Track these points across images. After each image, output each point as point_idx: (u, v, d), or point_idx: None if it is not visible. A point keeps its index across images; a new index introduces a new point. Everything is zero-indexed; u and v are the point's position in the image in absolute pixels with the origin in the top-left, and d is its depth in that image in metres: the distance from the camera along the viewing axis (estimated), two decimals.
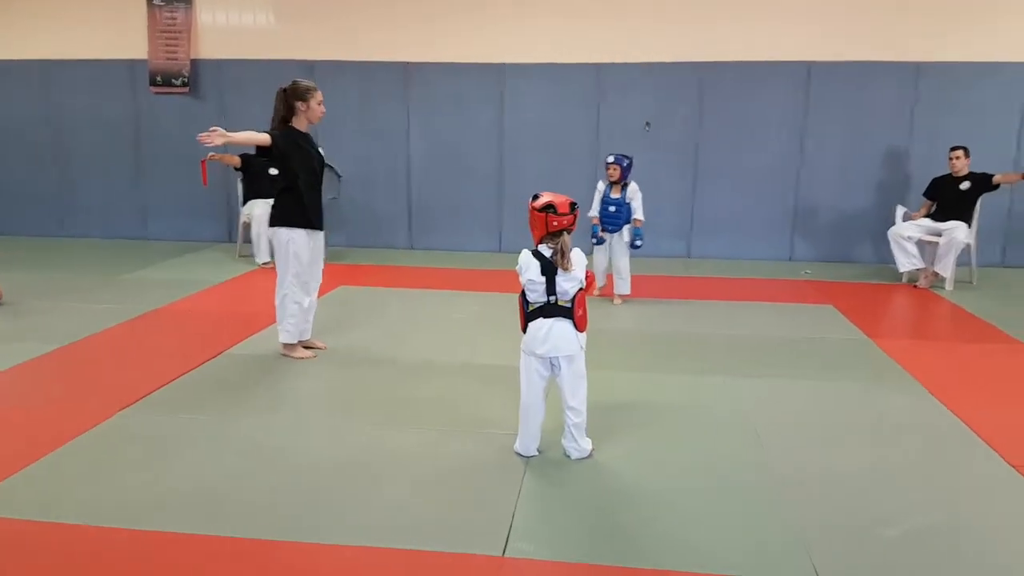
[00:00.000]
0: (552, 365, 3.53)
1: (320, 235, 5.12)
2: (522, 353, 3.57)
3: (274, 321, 5.75)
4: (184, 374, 4.67)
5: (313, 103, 4.87)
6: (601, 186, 6.57)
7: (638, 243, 6.48)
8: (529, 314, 3.48)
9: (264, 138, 4.72)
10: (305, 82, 4.90)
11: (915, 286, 7.45)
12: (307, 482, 3.37)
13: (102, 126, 9.44)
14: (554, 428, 3.69)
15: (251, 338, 5.45)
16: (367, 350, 5.25)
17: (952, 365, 5.11)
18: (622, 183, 6.47)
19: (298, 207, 4.89)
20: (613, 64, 8.62)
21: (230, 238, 9.35)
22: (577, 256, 3.45)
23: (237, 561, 2.78)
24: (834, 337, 5.72)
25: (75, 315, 5.92)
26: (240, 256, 8.37)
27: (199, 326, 5.80)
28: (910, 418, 4.20)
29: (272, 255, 7.83)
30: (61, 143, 9.56)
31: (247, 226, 8.24)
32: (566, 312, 3.44)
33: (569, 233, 3.43)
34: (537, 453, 3.63)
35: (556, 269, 3.38)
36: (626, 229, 6.53)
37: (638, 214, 6.48)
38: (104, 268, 7.76)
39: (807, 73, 8.39)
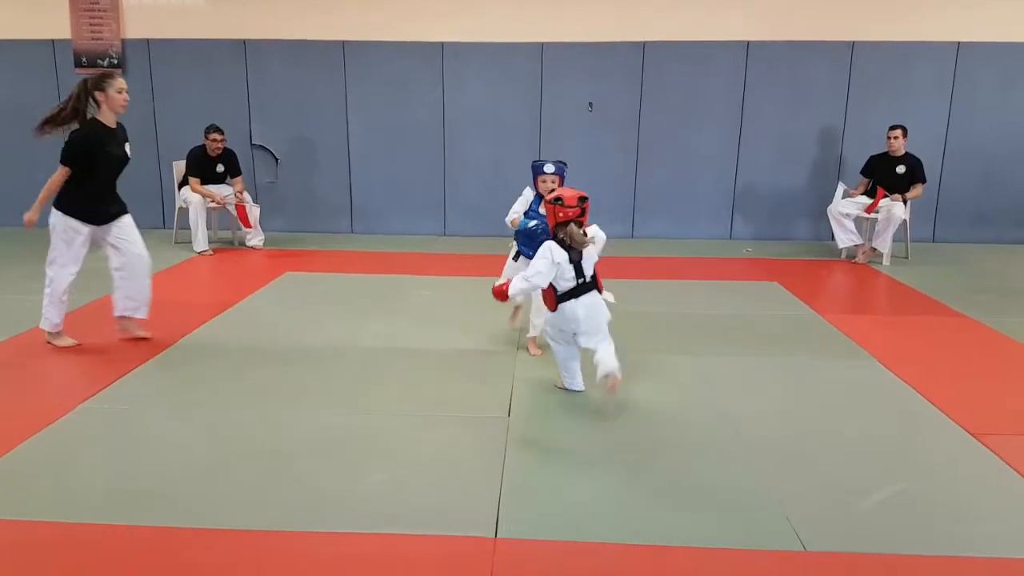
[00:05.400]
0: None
1: (120, 222, 4.83)
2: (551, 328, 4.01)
3: (223, 310, 5.64)
4: (140, 365, 4.51)
5: (112, 92, 4.55)
6: (529, 194, 4.80)
7: None
8: (560, 297, 3.83)
9: (61, 176, 4.59)
10: (104, 70, 4.67)
11: (854, 262, 7.67)
12: (287, 472, 3.29)
13: (23, 109, 8.95)
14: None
15: (203, 327, 5.28)
16: (325, 337, 5.13)
17: (900, 338, 5.28)
18: None
19: (78, 198, 4.63)
20: (555, 43, 8.60)
21: (164, 224, 9.04)
22: (592, 231, 3.88)
23: (227, 554, 2.70)
24: (784, 313, 5.84)
25: (14, 307, 5.66)
26: (177, 243, 8.11)
27: (147, 316, 5.58)
28: (869, 390, 4.32)
29: (206, 242, 7.71)
30: None
31: (183, 212, 7.98)
32: (592, 286, 3.85)
33: (580, 226, 3.76)
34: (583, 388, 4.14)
35: (581, 254, 3.77)
36: None
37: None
38: (34, 258, 7.38)
39: (746, 52, 8.51)
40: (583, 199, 3.72)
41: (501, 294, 3.87)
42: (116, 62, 8.72)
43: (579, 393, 4.16)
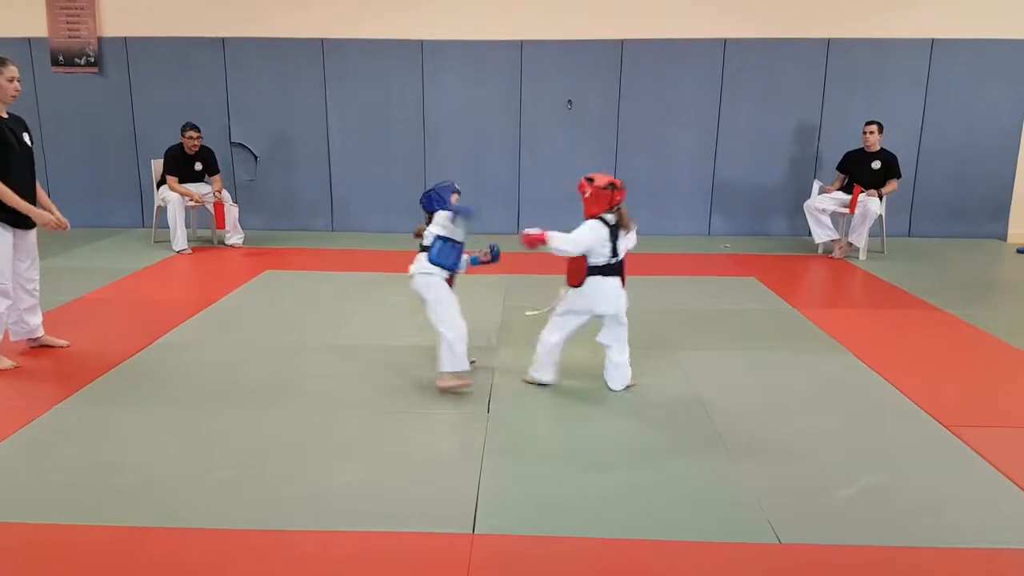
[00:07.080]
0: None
1: (30, 234, 4.56)
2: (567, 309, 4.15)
3: (202, 309, 5.62)
4: (116, 365, 4.48)
5: (1, 80, 4.22)
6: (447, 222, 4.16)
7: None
8: (591, 270, 4.04)
9: None
10: None
11: (831, 256, 7.74)
12: (262, 471, 3.29)
13: None
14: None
15: (182, 326, 5.25)
16: (303, 335, 5.13)
17: (875, 331, 5.34)
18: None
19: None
20: (534, 41, 8.61)
21: (143, 223, 8.99)
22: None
23: (202, 553, 2.70)
24: (761, 308, 5.90)
25: None
26: (156, 242, 8.06)
27: (125, 316, 5.57)
28: (844, 384, 4.38)
29: (185, 241, 7.67)
30: None
31: (162, 211, 7.94)
32: (618, 270, 4.13)
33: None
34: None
35: (619, 232, 4.07)
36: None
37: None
38: None
39: (723, 49, 8.56)
40: (624, 183, 4.19)
41: (533, 240, 3.92)
42: (93, 60, 8.67)
43: (559, 389, 4.20)
